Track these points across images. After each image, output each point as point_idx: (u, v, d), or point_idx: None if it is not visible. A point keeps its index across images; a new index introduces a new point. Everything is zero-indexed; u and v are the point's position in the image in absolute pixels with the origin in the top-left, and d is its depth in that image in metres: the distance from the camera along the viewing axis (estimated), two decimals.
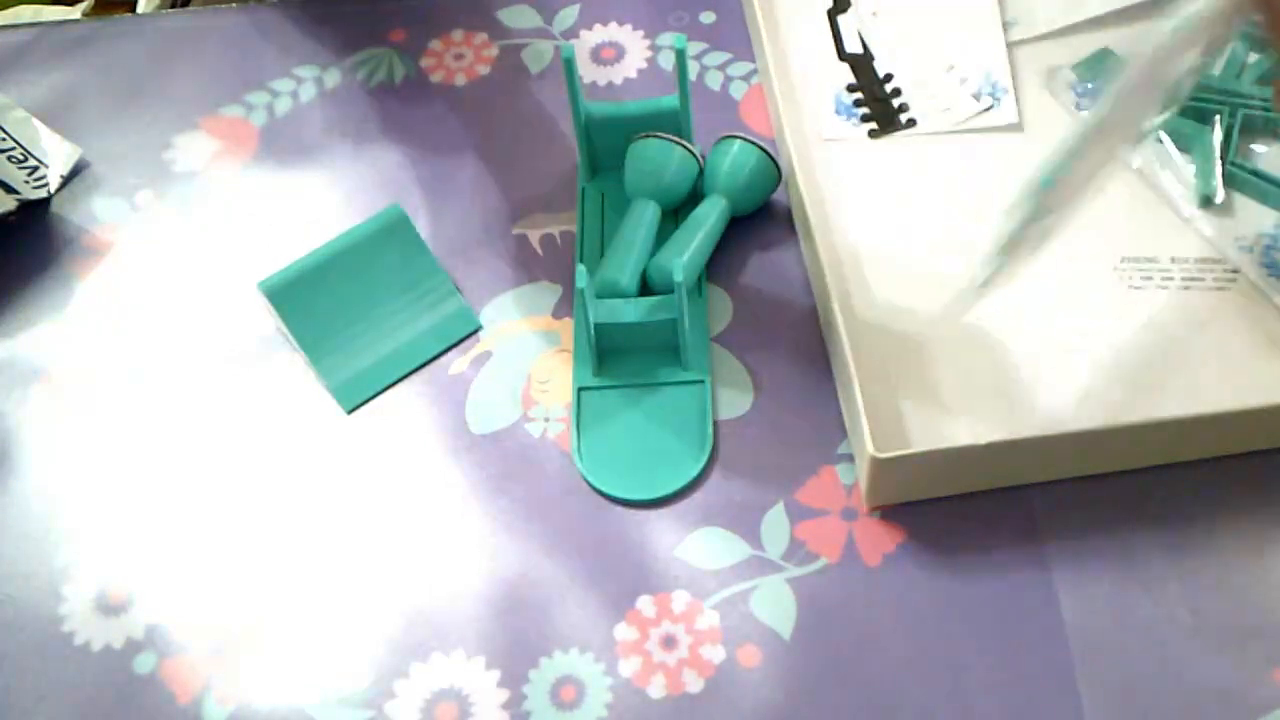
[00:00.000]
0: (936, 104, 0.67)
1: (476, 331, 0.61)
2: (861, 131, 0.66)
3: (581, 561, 0.54)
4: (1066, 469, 0.54)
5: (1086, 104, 0.65)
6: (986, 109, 0.66)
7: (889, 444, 0.54)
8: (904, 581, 0.52)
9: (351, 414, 0.59)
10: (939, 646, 0.51)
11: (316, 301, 0.59)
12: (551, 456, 0.57)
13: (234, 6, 0.77)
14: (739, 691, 0.50)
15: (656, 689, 0.51)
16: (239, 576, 0.55)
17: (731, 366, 0.59)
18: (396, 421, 0.59)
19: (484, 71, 0.72)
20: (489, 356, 0.61)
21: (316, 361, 0.60)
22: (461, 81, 0.71)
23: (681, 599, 0.53)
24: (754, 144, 0.62)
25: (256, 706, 0.52)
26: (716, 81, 0.70)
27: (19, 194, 0.66)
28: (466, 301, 0.62)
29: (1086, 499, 0.54)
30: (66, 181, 0.69)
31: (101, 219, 0.68)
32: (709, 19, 0.72)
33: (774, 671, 0.51)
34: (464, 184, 0.67)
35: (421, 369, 0.61)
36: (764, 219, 0.63)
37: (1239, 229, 0.61)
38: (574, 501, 0.56)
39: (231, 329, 0.63)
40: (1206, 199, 0.61)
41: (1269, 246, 0.60)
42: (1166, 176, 0.62)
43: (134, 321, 0.64)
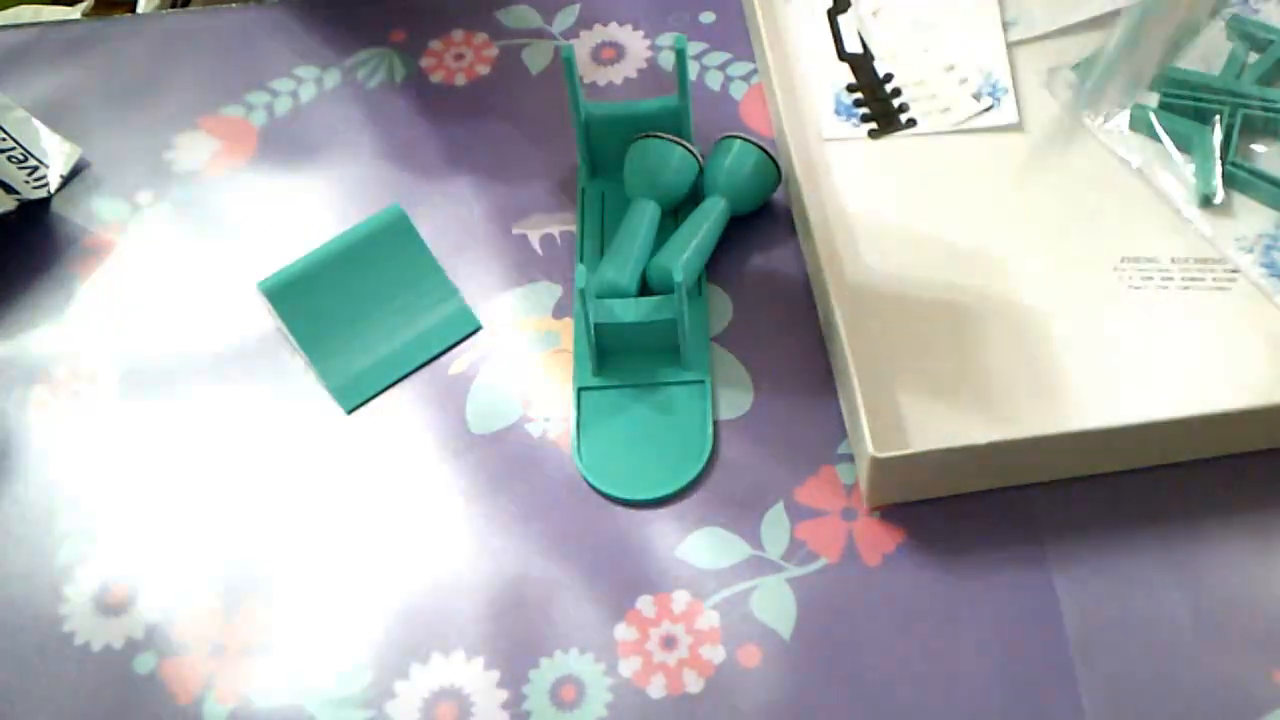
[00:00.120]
0: (936, 104, 0.67)
1: (476, 331, 0.61)
2: (861, 131, 0.66)
3: (581, 561, 0.54)
4: (1066, 469, 0.54)
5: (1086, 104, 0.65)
6: (986, 109, 0.66)
7: (889, 444, 0.54)
8: (904, 581, 0.52)
9: (351, 414, 0.59)
10: (939, 646, 0.51)
11: (316, 301, 0.59)
12: (551, 456, 0.57)
13: (234, 6, 0.77)
14: (739, 691, 0.50)
15: (656, 689, 0.51)
16: (239, 576, 0.55)
17: (731, 366, 0.59)
18: (396, 421, 0.59)
19: (484, 71, 0.72)
20: (489, 356, 0.61)
21: (316, 361, 0.60)
22: (461, 81, 0.71)
23: (681, 599, 0.53)
24: (754, 144, 0.62)
25: (256, 706, 0.52)
26: (716, 81, 0.70)
27: (19, 194, 0.66)
28: (466, 301, 0.62)
29: (1086, 499, 0.54)
30: (66, 181, 0.69)
31: (101, 219, 0.68)
32: (709, 19, 0.72)
33: (774, 671, 0.51)
34: (464, 184, 0.67)
35: (421, 369, 0.60)
36: (764, 219, 0.63)
37: (1239, 229, 0.60)
38: (574, 501, 0.56)
39: (231, 329, 0.63)
40: (1206, 199, 0.61)
41: (1269, 246, 0.60)
42: (1166, 176, 0.62)
43: (134, 321, 0.64)
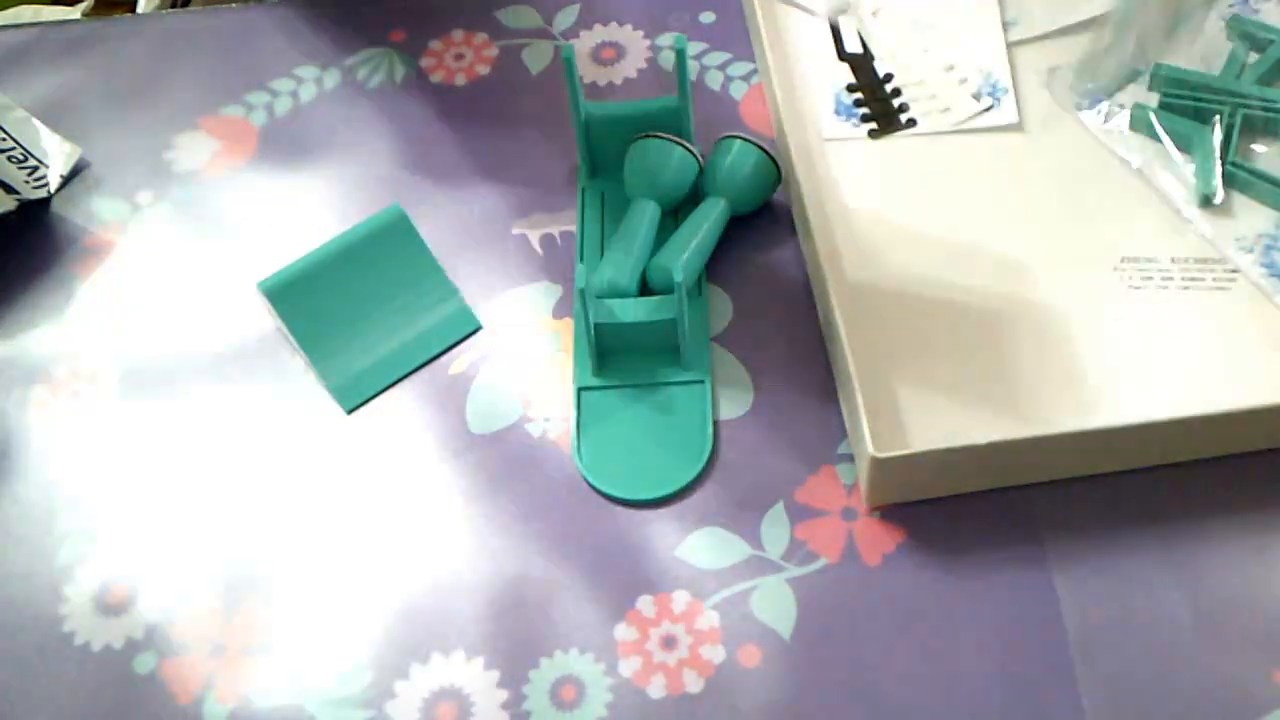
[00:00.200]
0: (936, 104, 0.67)
1: (476, 331, 0.61)
2: (861, 131, 0.66)
3: (581, 561, 0.54)
4: (1066, 469, 0.54)
5: (1086, 104, 0.65)
6: (986, 109, 0.66)
7: (889, 444, 0.54)
8: (904, 581, 0.52)
9: (351, 414, 0.59)
10: (939, 646, 0.51)
11: (316, 301, 0.59)
12: (551, 456, 0.57)
13: (234, 6, 0.77)
14: (739, 691, 0.50)
15: (656, 689, 0.51)
16: (239, 576, 0.55)
17: (731, 366, 0.59)
18: (396, 421, 0.59)
19: (484, 71, 0.72)
20: (489, 356, 0.61)
21: (316, 361, 0.60)
22: (461, 81, 0.71)
23: (681, 599, 0.53)
24: (754, 144, 0.62)
25: (256, 706, 0.52)
26: (716, 81, 0.70)
27: (19, 194, 0.66)
28: (466, 301, 0.62)
29: (1086, 499, 0.54)
30: (66, 181, 0.69)
31: (101, 219, 0.68)
32: (709, 19, 0.72)
33: (774, 671, 0.51)
34: (464, 184, 0.67)
35: (421, 369, 0.60)
36: (764, 219, 0.63)
37: (1239, 229, 0.60)
38: (574, 501, 0.56)
39: (231, 329, 0.63)
40: (1206, 199, 0.61)
41: (1269, 246, 0.60)
42: (1166, 176, 0.62)
43: (134, 321, 0.64)
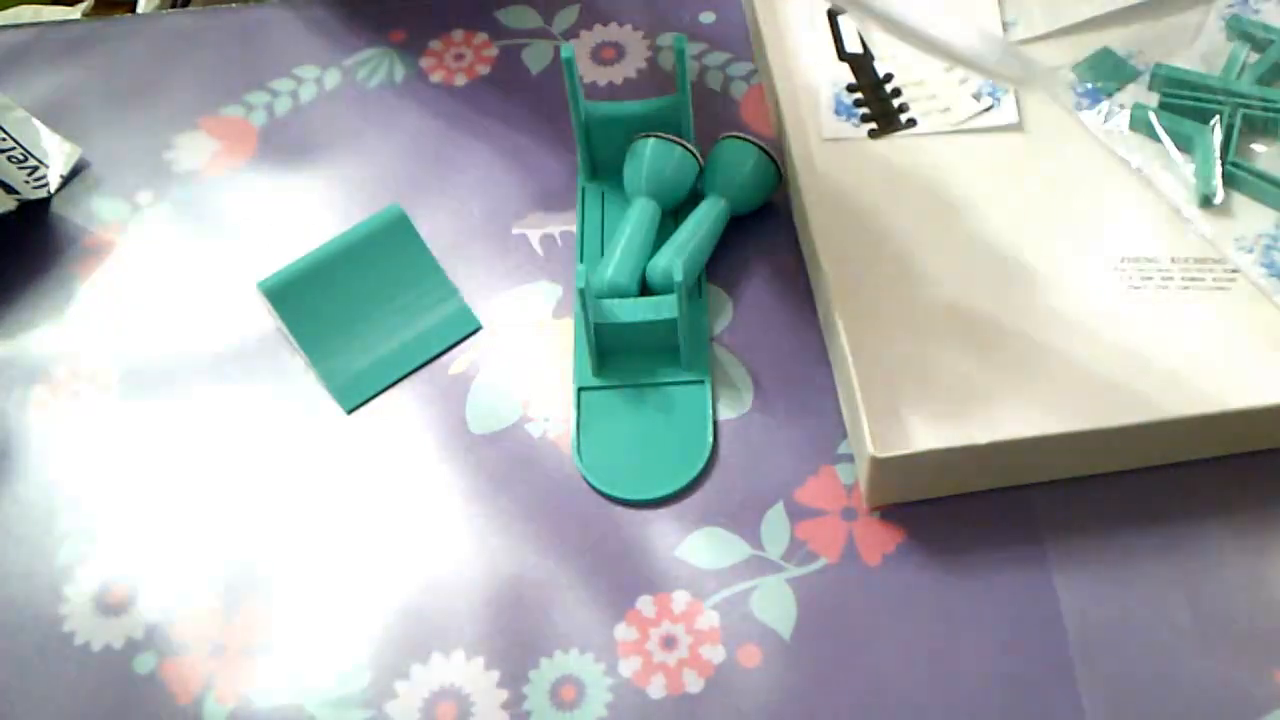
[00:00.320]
0: (936, 104, 0.67)
1: (476, 331, 0.61)
2: (861, 131, 0.66)
3: (581, 561, 0.54)
4: (1066, 469, 0.54)
5: (1086, 104, 0.65)
6: (986, 109, 0.66)
7: (889, 444, 0.54)
8: (904, 581, 0.52)
9: (351, 414, 0.59)
10: (939, 646, 0.51)
11: (316, 301, 0.59)
12: (551, 456, 0.57)
13: (234, 6, 0.77)
14: (739, 691, 0.50)
15: (656, 689, 0.51)
16: (239, 576, 0.55)
17: (731, 366, 0.59)
18: (396, 421, 0.59)
19: (484, 71, 0.72)
20: (489, 356, 0.61)
21: (316, 361, 0.60)
22: (461, 81, 0.71)
23: (681, 599, 0.53)
24: (754, 144, 0.62)
25: (256, 706, 0.52)
26: (716, 81, 0.70)
27: (19, 194, 0.66)
28: (466, 301, 0.62)
29: (1086, 499, 0.54)
30: (66, 181, 0.69)
31: (101, 219, 0.68)
32: (709, 19, 0.72)
33: (774, 671, 0.51)
34: (464, 184, 0.67)
35: (421, 369, 0.60)
36: (764, 219, 0.63)
37: (1239, 229, 0.60)
38: (574, 501, 0.56)
39: (231, 329, 0.63)
40: (1206, 199, 0.61)
41: (1269, 246, 0.60)
42: (1166, 176, 0.62)
43: (134, 321, 0.64)
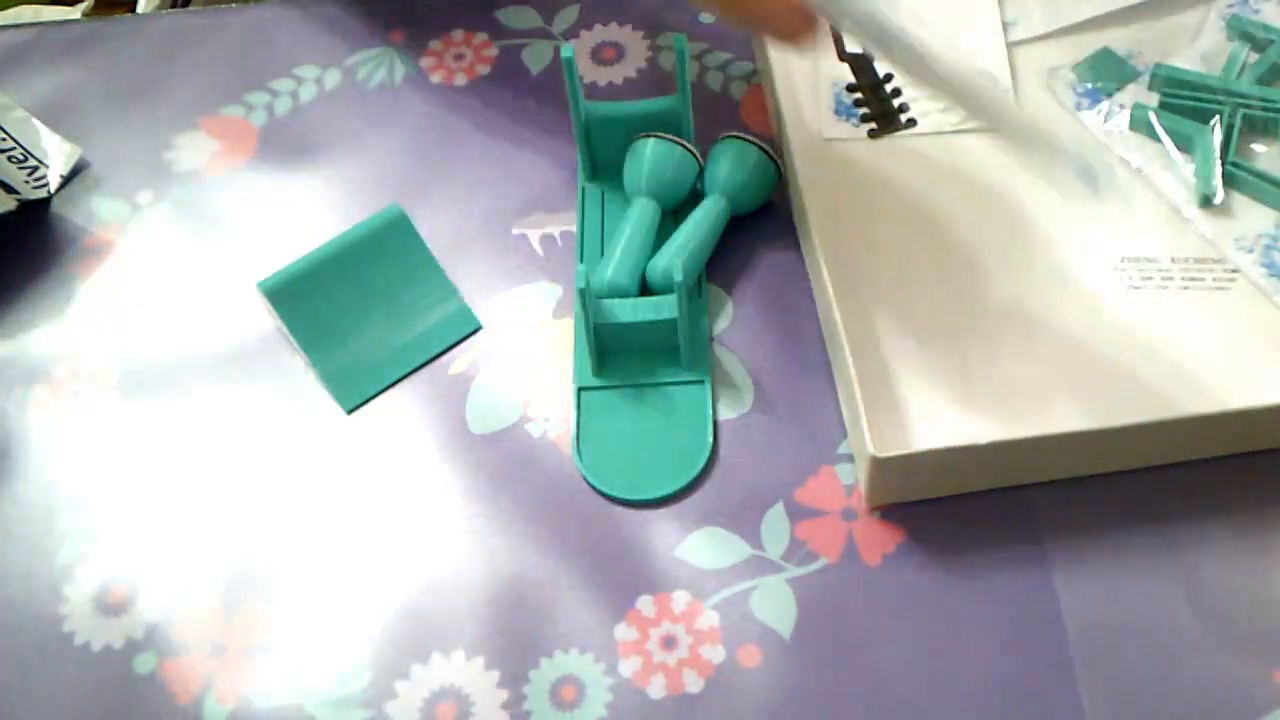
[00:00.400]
0: (936, 104, 0.67)
1: (476, 331, 0.61)
2: (861, 131, 0.66)
3: (581, 561, 0.54)
4: (1066, 469, 0.54)
5: (1086, 104, 0.65)
6: None
7: (889, 444, 0.54)
8: (904, 581, 0.52)
9: (351, 414, 0.59)
10: (939, 646, 0.51)
11: (316, 301, 0.59)
12: (551, 456, 0.57)
13: (234, 6, 0.77)
14: (739, 691, 0.50)
15: (656, 689, 0.51)
16: (239, 576, 0.55)
17: (731, 366, 0.59)
18: (396, 421, 0.59)
19: (484, 71, 0.72)
20: (489, 356, 0.61)
21: (316, 362, 0.60)
22: (461, 81, 0.71)
23: (681, 599, 0.53)
24: (754, 144, 0.62)
25: (256, 706, 0.52)
26: (716, 81, 0.70)
27: (19, 194, 0.66)
28: (466, 301, 0.62)
29: (1086, 499, 0.54)
30: (66, 181, 0.69)
31: (101, 219, 0.68)
32: (709, 19, 0.72)
33: (774, 671, 0.51)
34: (464, 184, 0.67)
35: (421, 369, 0.60)
36: (764, 219, 0.63)
37: (1239, 229, 0.60)
38: (574, 501, 0.56)
39: (231, 329, 0.63)
40: (1206, 199, 0.61)
41: (1269, 246, 0.60)
42: (1166, 176, 0.62)
43: (134, 321, 0.64)
